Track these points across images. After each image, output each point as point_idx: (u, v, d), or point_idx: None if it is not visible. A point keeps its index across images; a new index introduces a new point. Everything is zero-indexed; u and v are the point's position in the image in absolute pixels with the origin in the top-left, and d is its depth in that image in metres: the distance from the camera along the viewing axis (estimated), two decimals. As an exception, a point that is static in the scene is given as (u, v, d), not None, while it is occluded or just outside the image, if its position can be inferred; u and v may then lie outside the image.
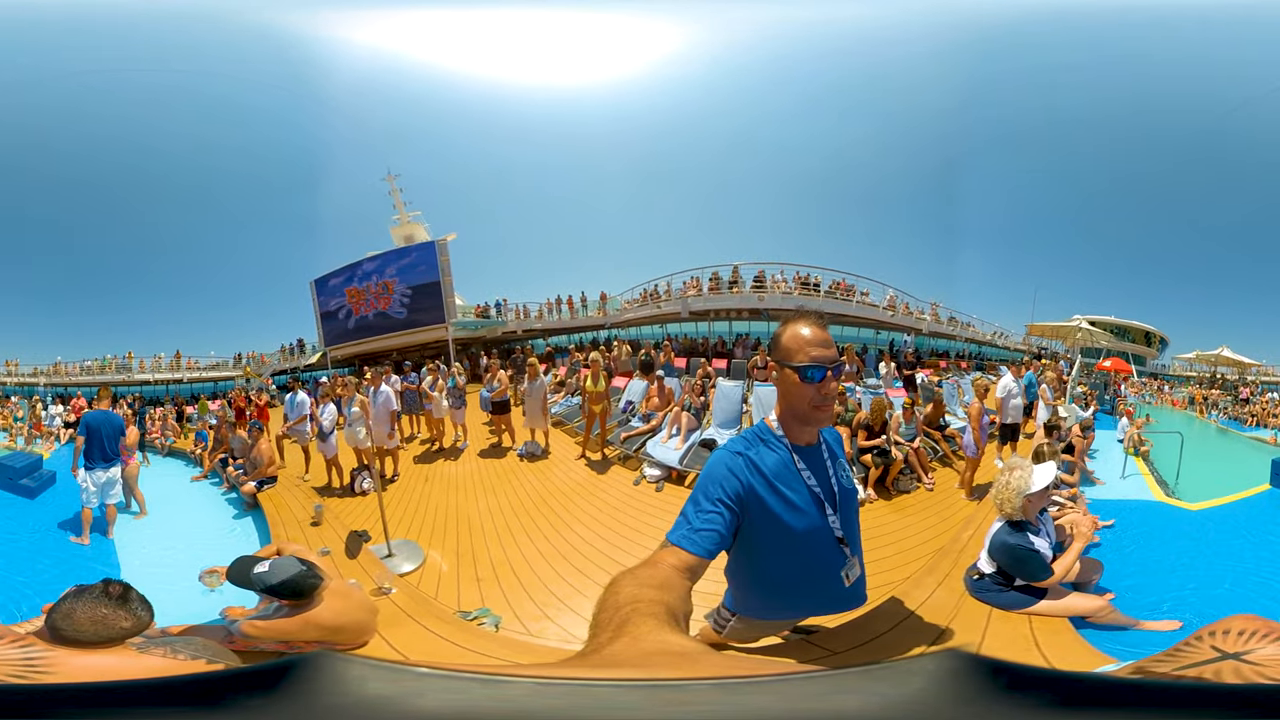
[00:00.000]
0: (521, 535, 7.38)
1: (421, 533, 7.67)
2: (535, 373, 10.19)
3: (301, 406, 9.76)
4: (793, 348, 2.36)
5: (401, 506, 8.56)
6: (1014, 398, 9.15)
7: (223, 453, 9.88)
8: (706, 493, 2.26)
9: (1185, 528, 7.11)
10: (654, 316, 14.22)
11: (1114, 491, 8.52)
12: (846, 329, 13.66)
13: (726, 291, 13.23)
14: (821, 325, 2.40)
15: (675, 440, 9.44)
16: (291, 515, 8.13)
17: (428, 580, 6.56)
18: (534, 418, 10.23)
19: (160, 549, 7.42)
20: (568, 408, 11.84)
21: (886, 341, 13.80)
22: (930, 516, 7.67)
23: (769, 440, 2.46)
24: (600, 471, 9.38)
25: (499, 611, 5.74)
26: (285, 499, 8.72)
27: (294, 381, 11.36)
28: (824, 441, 2.59)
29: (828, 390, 2.34)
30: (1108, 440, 10.33)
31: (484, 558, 6.89)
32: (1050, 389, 10.25)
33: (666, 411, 10.19)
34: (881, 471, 8.22)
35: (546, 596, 5.99)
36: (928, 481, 8.55)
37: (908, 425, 8.99)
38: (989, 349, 14.98)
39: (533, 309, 14.75)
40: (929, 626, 4.00)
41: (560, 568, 6.58)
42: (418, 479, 9.59)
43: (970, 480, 8.17)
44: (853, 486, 2.63)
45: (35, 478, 8.97)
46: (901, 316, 13.59)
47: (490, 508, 8.21)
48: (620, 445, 9.91)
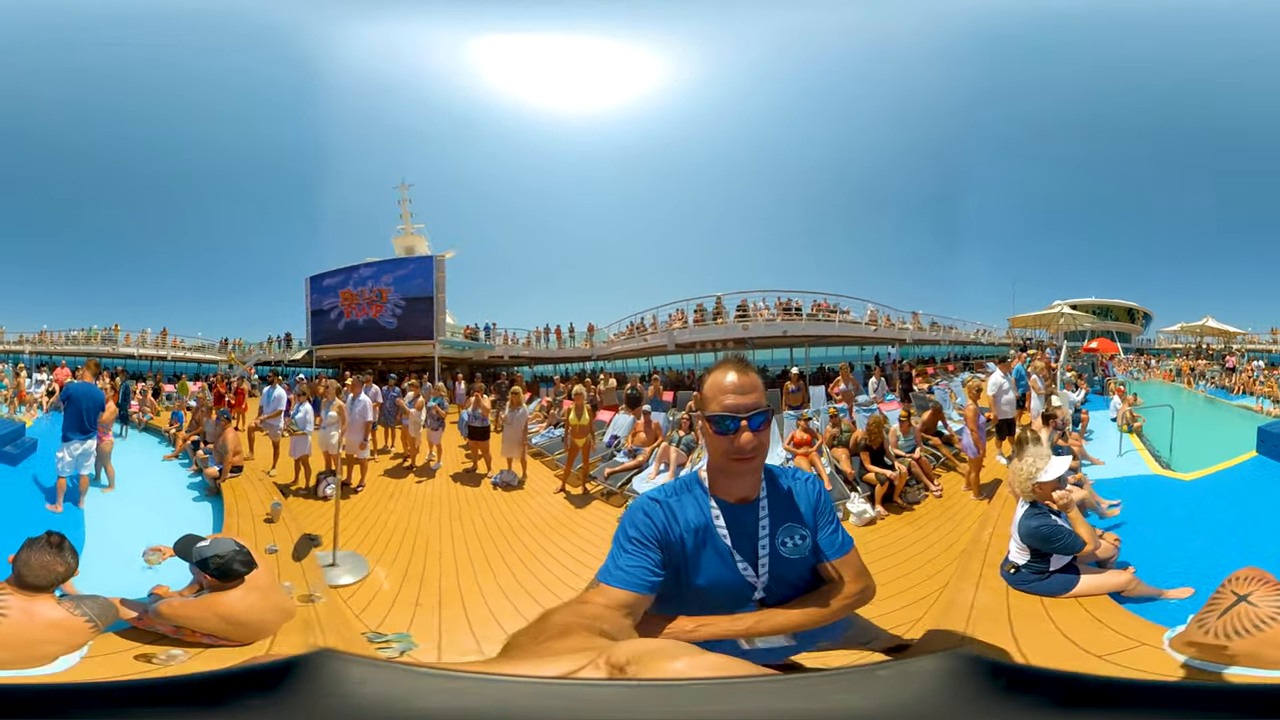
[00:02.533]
0: (482, 565, 7.25)
1: (374, 548, 7.58)
2: (518, 401, 10.17)
3: (278, 402, 9.74)
4: (708, 395, 2.18)
5: (360, 518, 8.47)
6: (1005, 393, 9.38)
7: (195, 435, 9.80)
8: (626, 534, 2.13)
9: (1182, 497, 7.62)
10: (640, 350, 14.24)
11: (1113, 470, 8.72)
12: (832, 349, 13.80)
13: (711, 323, 13.19)
14: (744, 369, 2.19)
15: (663, 476, 9.27)
16: (249, 507, 8.05)
17: (362, 596, 6.46)
18: (511, 446, 10.16)
19: (121, 522, 7.38)
20: (550, 439, 11.72)
21: (871, 357, 13.87)
22: (945, 523, 7.85)
23: (694, 490, 2.24)
24: (579, 506, 9.26)
25: (422, 640, 5.61)
26: (246, 491, 8.63)
27: (274, 375, 11.27)
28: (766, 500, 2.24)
29: (740, 443, 2.09)
30: (1101, 420, 10.56)
31: (433, 583, 6.76)
32: (1041, 379, 10.39)
33: (654, 447, 10.11)
34: (888, 487, 8.29)
35: (493, 632, 5.76)
36: (935, 489, 8.63)
37: (906, 437, 9.09)
38: (974, 348, 15.09)
39: (521, 336, 14.72)
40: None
41: (521, 603, 6.37)
42: (383, 493, 9.51)
43: (976, 480, 8.40)
44: (800, 556, 2.22)
45: (18, 445, 8.99)
46: (884, 329, 13.63)
47: (453, 533, 8.13)
48: (604, 481, 9.80)
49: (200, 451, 9.30)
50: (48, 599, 3.96)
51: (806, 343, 13.46)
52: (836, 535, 2.27)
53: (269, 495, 8.43)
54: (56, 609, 3.91)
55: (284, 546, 6.86)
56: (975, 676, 0.88)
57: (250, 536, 6.93)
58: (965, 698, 0.88)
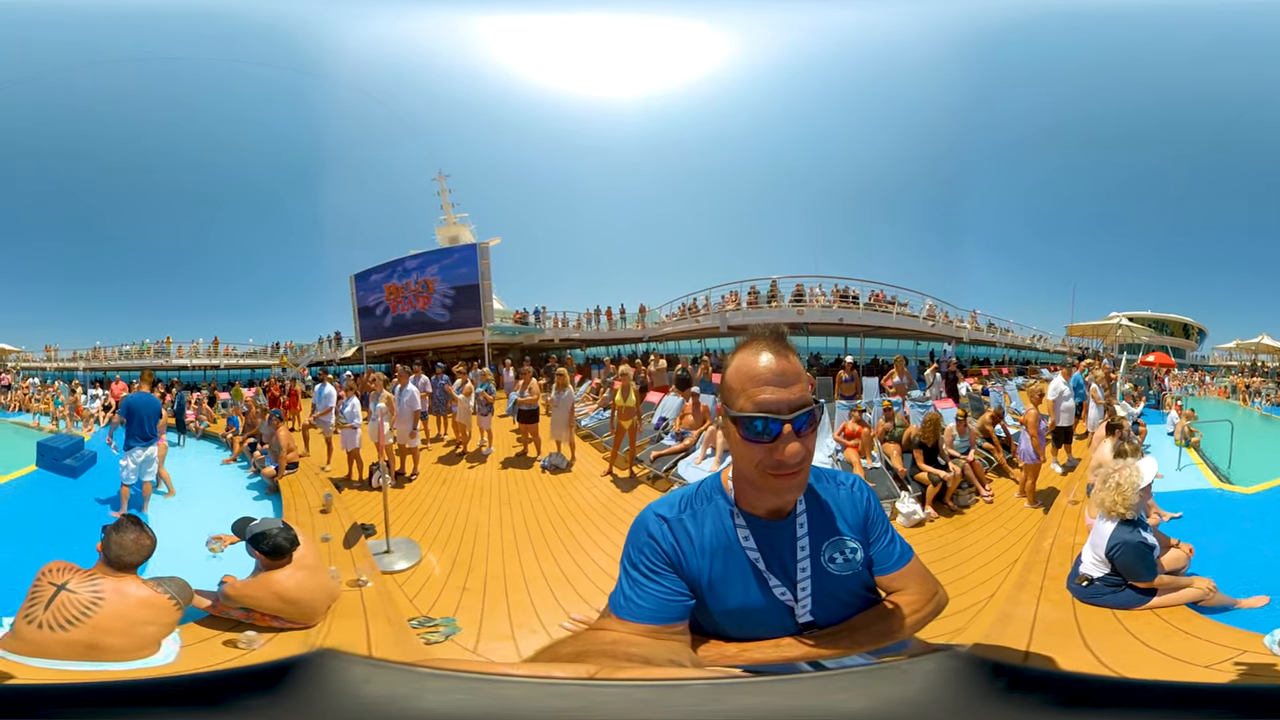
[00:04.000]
0: (528, 552, 7.23)
1: (426, 535, 7.63)
2: (564, 383, 10.09)
3: (328, 399, 9.92)
4: (734, 386, 1.62)
5: (413, 506, 8.57)
6: (1065, 399, 9.25)
7: (250, 437, 10.10)
8: (631, 561, 1.77)
9: (1245, 510, 7.60)
10: (692, 331, 14.09)
11: (1172, 484, 8.43)
12: (886, 341, 13.51)
13: (765, 306, 13.00)
14: (782, 350, 1.62)
15: (710, 462, 9.11)
16: (305, 502, 8.30)
17: (415, 581, 6.51)
18: (558, 429, 10.11)
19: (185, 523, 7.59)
20: (599, 421, 11.63)
21: (926, 352, 13.55)
22: (996, 530, 7.59)
23: (716, 501, 1.80)
24: (626, 490, 9.13)
25: (465, 624, 5.64)
26: (303, 486, 8.87)
27: (324, 374, 11.54)
28: (805, 514, 1.80)
29: (784, 455, 1.56)
30: (1158, 435, 10.35)
31: (480, 569, 6.76)
32: (1100, 388, 10.23)
33: (701, 430, 9.88)
34: (940, 488, 8.01)
35: (529, 618, 5.75)
36: (986, 494, 8.34)
37: (961, 437, 8.79)
38: (1029, 353, 14.83)
39: (571, 318, 14.72)
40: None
41: (560, 591, 6.28)
42: (435, 481, 9.59)
43: (1032, 488, 8.11)
44: (853, 572, 1.82)
45: (78, 458, 9.34)
46: (941, 326, 13.28)
47: (502, 519, 8.14)
48: (650, 464, 9.60)
49: (257, 453, 9.56)
50: (134, 579, 4.18)
51: (861, 333, 13.21)
52: (894, 545, 1.88)
53: (324, 489, 8.64)
54: (143, 587, 4.16)
55: (336, 536, 7.04)
56: (976, 676, 0.82)
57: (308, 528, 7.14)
58: (966, 698, 0.83)
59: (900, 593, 1.84)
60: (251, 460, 9.64)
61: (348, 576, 5.84)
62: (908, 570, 1.86)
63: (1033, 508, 7.94)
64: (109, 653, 3.79)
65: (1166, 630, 4.31)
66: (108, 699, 1.01)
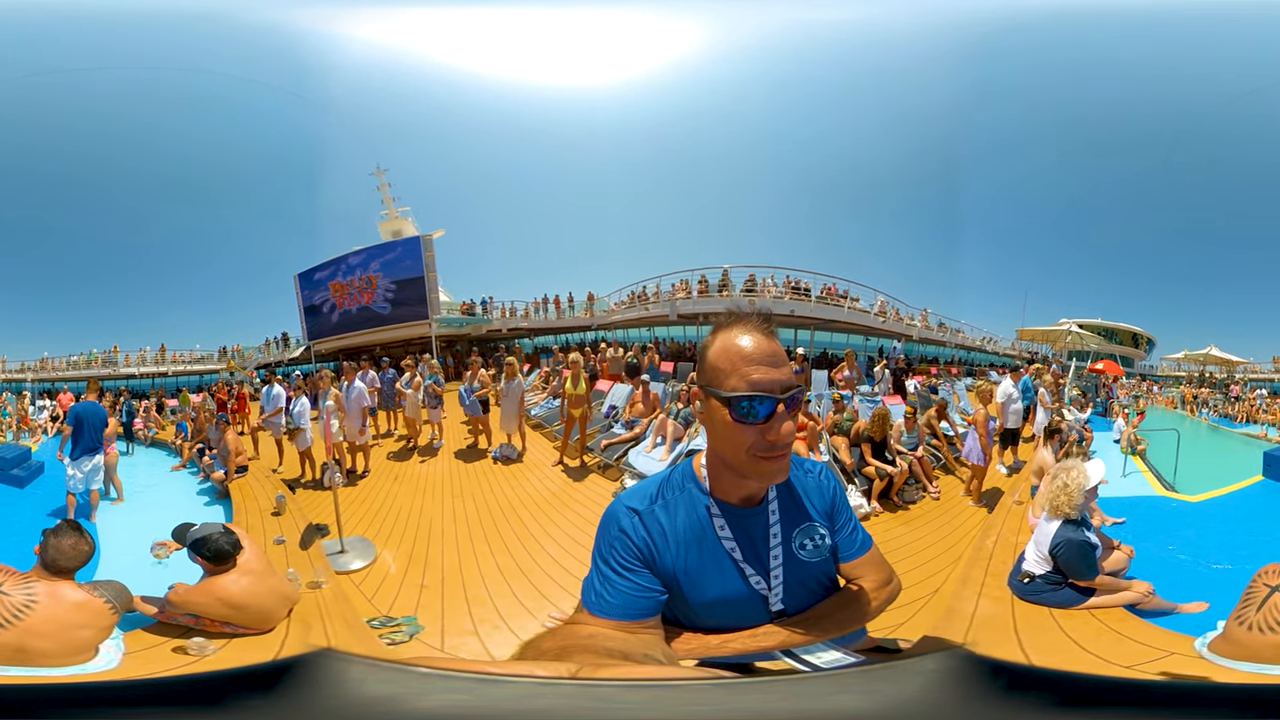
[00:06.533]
0: (482, 545, 7.35)
1: (380, 532, 7.73)
2: (513, 373, 10.10)
3: (276, 400, 9.86)
4: (723, 367, 1.60)
5: (366, 504, 8.64)
6: (1014, 402, 9.39)
7: (199, 443, 10.03)
8: (602, 556, 1.76)
9: (1189, 518, 7.72)
10: (641, 319, 14.11)
11: (1117, 489, 8.69)
12: (836, 335, 13.60)
13: (716, 295, 12.96)
14: (769, 332, 1.63)
15: (660, 450, 9.18)
16: (256, 505, 8.28)
17: (372, 581, 6.62)
18: (508, 419, 10.17)
19: (134, 531, 7.56)
20: (549, 410, 11.72)
21: (875, 348, 13.74)
22: (941, 526, 7.75)
23: (688, 490, 1.79)
24: (577, 479, 9.22)
25: (427, 622, 5.75)
26: (254, 489, 8.83)
27: (271, 375, 11.43)
28: (776, 500, 1.82)
29: (780, 434, 1.57)
30: (1104, 441, 10.60)
31: (436, 564, 6.88)
32: (1049, 393, 10.44)
33: (651, 419, 9.97)
34: (886, 483, 8.16)
35: (487, 612, 5.92)
36: (933, 490, 8.49)
37: (909, 434, 8.92)
38: (979, 355, 14.94)
39: (519, 308, 14.67)
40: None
41: (516, 584, 6.46)
42: (387, 477, 9.66)
43: (979, 488, 8.29)
44: (822, 558, 1.86)
45: (25, 468, 9.26)
46: (892, 322, 13.46)
47: (456, 512, 8.24)
48: (601, 453, 9.68)
49: (206, 458, 9.52)
50: (69, 583, 4.25)
51: (812, 326, 13.25)
52: (857, 533, 1.93)
53: (275, 490, 8.63)
54: (78, 591, 4.21)
55: (292, 538, 7.06)
56: (975, 676, 0.86)
57: (259, 531, 7.21)
58: (965, 697, 0.85)
59: (860, 579, 1.90)
60: (201, 465, 9.58)
61: (306, 578, 5.91)
62: (868, 558, 1.93)
63: (978, 506, 8.17)
64: (38, 657, 3.79)
65: (1100, 629, 4.41)
66: (108, 699, 1.05)
